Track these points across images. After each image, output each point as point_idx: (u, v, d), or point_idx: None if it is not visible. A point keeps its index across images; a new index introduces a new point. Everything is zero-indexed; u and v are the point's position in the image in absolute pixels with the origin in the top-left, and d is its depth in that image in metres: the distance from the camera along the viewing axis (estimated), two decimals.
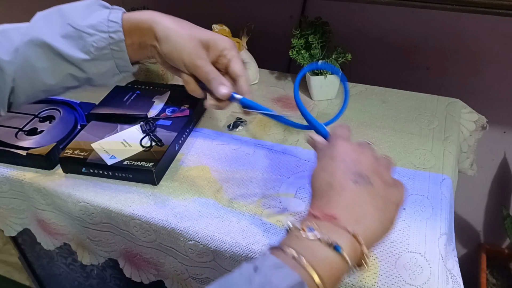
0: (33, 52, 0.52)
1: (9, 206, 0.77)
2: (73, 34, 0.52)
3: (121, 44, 0.53)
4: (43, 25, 0.52)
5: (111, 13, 0.53)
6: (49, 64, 0.52)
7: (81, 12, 0.53)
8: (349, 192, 0.42)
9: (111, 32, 0.52)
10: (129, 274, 0.74)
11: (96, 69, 0.54)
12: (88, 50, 0.52)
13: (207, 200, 0.64)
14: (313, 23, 0.85)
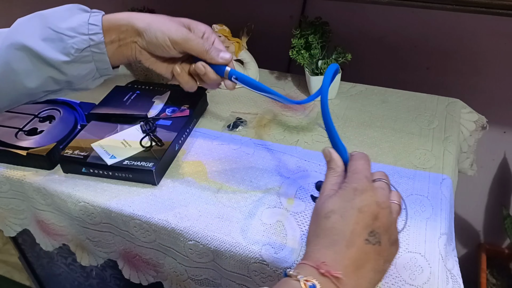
0: (14, 55, 0.52)
1: (8, 207, 0.77)
2: (53, 37, 0.52)
3: (101, 46, 0.53)
4: (24, 29, 0.53)
5: (91, 16, 0.54)
6: (30, 67, 0.53)
7: (61, 15, 0.53)
8: (358, 249, 0.40)
9: (91, 34, 0.53)
10: (128, 276, 0.74)
11: (76, 72, 0.54)
12: (69, 52, 0.52)
13: (207, 200, 0.64)
14: (313, 23, 0.85)
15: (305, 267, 0.40)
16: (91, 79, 0.56)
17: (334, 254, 0.40)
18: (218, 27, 0.86)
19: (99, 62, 0.54)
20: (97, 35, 0.53)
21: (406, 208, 0.62)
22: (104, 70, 0.56)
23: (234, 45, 0.87)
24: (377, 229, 0.41)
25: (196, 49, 0.55)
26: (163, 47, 0.54)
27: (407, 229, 0.58)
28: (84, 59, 0.53)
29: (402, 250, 0.56)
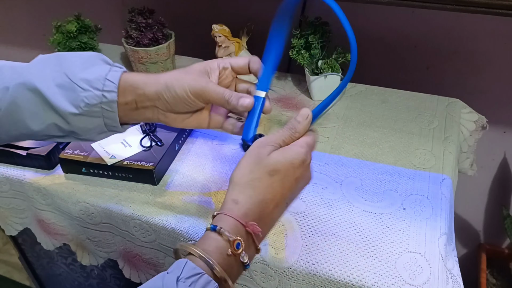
0: (23, 95, 0.50)
1: (9, 206, 0.77)
2: (67, 85, 0.50)
3: (113, 104, 0.51)
4: (40, 70, 0.51)
5: (110, 71, 0.51)
6: (36, 110, 0.51)
7: (80, 63, 0.51)
8: (279, 211, 0.46)
9: (105, 91, 0.50)
10: (128, 275, 0.74)
11: (82, 124, 0.52)
12: (78, 105, 0.50)
13: (207, 200, 0.64)
14: (313, 23, 0.85)
15: (231, 222, 0.43)
16: (97, 132, 0.54)
17: (261, 213, 0.44)
18: (218, 27, 0.86)
19: (108, 119, 0.52)
20: (111, 93, 0.50)
21: (405, 208, 0.62)
22: (112, 126, 0.54)
23: (234, 45, 0.87)
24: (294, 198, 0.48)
25: (216, 100, 0.52)
26: (186, 101, 0.52)
27: (407, 229, 0.58)
28: (93, 114, 0.51)
29: (402, 250, 0.56)
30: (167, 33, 0.90)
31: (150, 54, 0.87)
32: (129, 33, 0.87)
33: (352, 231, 0.59)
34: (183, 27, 1.09)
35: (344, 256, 0.55)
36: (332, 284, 0.54)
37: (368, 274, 0.53)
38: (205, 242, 0.42)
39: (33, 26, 1.37)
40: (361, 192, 0.65)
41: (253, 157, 0.45)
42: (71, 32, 0.88)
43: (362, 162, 0.70)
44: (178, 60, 1.00)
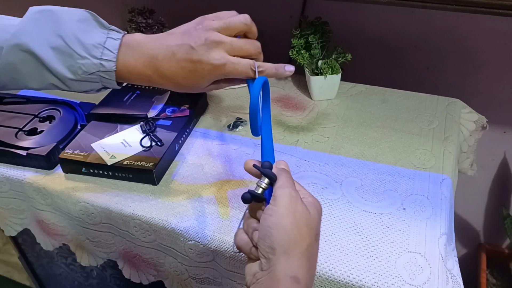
0: (19, 56, 0.49)
1: (9, 206, 0.77)
2: (64, 50, 0.49)
3: (112, 74, 0.50)
4: (33, 30, 0.49)
5: (108, 39, 0.50)
6: (34, 71, 0.50)
7: (76, 25, 0.50)
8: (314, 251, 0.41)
9: (103, 59, 0.49)
10: (128, 275, 0.74)
11: (80, 87, 0.52)
12: (76, 71, 0.49)
13: (207, 200, 0.64)
14: (313, 23, 0.84)
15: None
16: (94, 91, 0.54)
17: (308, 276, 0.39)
18: None
19: (106, 83, 0.52)
20: (109, 62, 0.49)
21: (405, 208, 0.62)
22: (109, 85, 0.53)
23: None
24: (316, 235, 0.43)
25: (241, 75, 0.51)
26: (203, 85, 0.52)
27: (407, 229, 0.58)
28: (90, 79, 0.50)
29: (402, 250, 0.56)
30: None
31: None
32: (129, 33, 0.87)
33: (352, 231, 0.59)
34: None
35: (344, 256, 0.55)
36: (332, 284, 0.54)
37: (368, 274, 0.53)
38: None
39: None
40: (361, 192, 0.65)
41: (300, 220, 0.39)
42: None
43: (362, 162, 0.70)
44: None
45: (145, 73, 0.51)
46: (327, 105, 0.84)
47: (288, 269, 0.37)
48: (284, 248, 0.38)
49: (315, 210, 0.42)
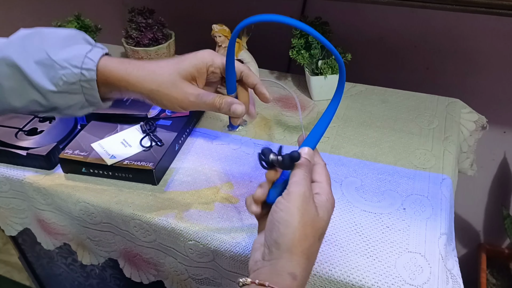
0: (2, 70, 0.49)
1: (9, 206, 0.77)
2: (46, 62, 0.48)
3: (92, 83, 0.49)
4: (20, 46, 0.49)
5: (91, 51, 0.49)
6: (16, 87, 0.50)
7: (62, 41, 0.50)
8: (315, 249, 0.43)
9: (84, 68, 0.48)
10: (129, 274, 0.74)
11: (63, 101, 0.51)
12: (57, 83, 0.49)
13: (207, 200, 0.64)
14: (313, 23, 0.85)
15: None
16: (78, 108, 0.53)
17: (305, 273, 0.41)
18: (218, 27, 0.86)
19: (89, 95, 0.51)
20: (89, 71, 0.48)
21: (405, 208, 0.62)
22: (94, 102, 0.52)
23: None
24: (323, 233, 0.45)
25: (208, 109, 0.51)
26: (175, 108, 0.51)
27: (407, 229, 0.58)
28: (72, 91, 0.50)
29: (402, 250, 0.56)
30: (167, 33, 0.90)
31: (150, 54, 0.87)
32: (129, 33, 0.87)
33: (352, 231, 0.59)
34: (183, 27, 1.09)
35: (344, 256, 0.55)
36: (332, 284, 0.54)
37: (368, 274, 0.53)
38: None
39: (33, 26, 1.37)
40: (361, 192, 0.65)
41: (306, 221, 0.41)
42: None
43: (362, 162, 0.70)
44: None
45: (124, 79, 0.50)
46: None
47: (288, 266, 0.39)
48: (287, 246, 0.40)
49: (325, 212, 0.43)
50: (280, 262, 0.40)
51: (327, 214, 0.43)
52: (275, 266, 0.40)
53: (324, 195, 0.44)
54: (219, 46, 0.87)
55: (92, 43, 0.51)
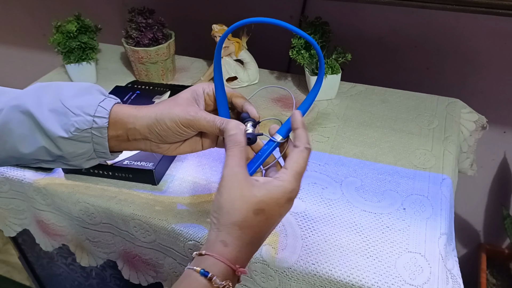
0: (15, 116, 0.51)
1: (9, 207, 0.77)
2: (60, 110, 0.50)
3: (103, 130, 0.51)
4: (35, 95, 0.51)
5: (104, 101, 0.51)
6: (27, 133, 0.51)
7: (76, 92, 0.52)
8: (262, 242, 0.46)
9: (96, 116, 0.50)
10: (127, 276, 0.74)
11: (72, 149, 0.52)
12: (68, 129, 0.50)
13: (207, 200, 0.64)
14: (313, 23, 0.85)
15: (223, 267, 0.42)
16: (86, 158, 0.54)
17: (249, 253, 0.44)
18: (218, 27, 0.86)
19: (98, 144, 0.52)
20: (101, 119, 0.51)
21: (405, 208, 0.62)
22: (101, 153, 0.54)
23: (234, 45, 0.87)
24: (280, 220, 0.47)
25: (208, 128, 0.51)
26: (177, 132, 0.51)
27: (407, 229, 0.58)
28: (82, 139, 0.51)
29: (402, 250, 0.56)
30: (167, 33, 0.90)
31: (150, 54, 0.87)
32: (129, 33, 0.87)
33: (352, 231, 0.59)
34: (183, 27, 1.09)
35: (344, 256, 0.55)
36: (332, 284, 0.54)
37: (368, 274, 0.53)
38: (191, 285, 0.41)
39: (33, 26, 1.38)
40: (361, 192, 0.65)
41: (234, 196, 0.43)
42: (71, 32, 0.88)
43: (362, 162, 0.70)
44: (178, 60, 1.00)
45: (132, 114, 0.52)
46: (327, 105, 0.84)
47: (219, 235, 0.43)
48: (218, 218, 0.44)
49: (262, 191, 0.44)
50: (214, 232, 0.44)
51: (266, 195, 0.44)
52: (211, 236, 0.44)
53: (279, 181, 0.45)
54: None
55: (105, 94, 0.53)
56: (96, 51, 0.93)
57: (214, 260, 0.42)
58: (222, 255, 0.42)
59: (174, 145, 0.54)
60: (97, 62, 0.97)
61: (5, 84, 0.58)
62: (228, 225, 0.43)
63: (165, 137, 0.52)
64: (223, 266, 0.42)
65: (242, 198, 0.43)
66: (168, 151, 0.54)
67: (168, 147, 0.54)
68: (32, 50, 1.44)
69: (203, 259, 0.42)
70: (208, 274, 0.41)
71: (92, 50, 0.92)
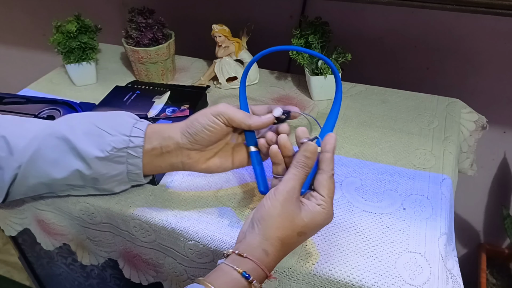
0: (49, 142, 0.52)
1: (9, 206, 0.77)
2: (95, 132, 0.52)
3: (139, 149, 0.53)
4: (67, 123, 0.54)
5: (138, 122, 0.54)
6: (61, 156, 0.52)
7: (109, 117, 0.54)
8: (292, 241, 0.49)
9: (132, 136, 0.53)
10: (128, 275, 0.74)
11: (105, 170, 0.53)
12: (104, 149, 0.52)
13: (207, 200, 0.64)
14: (313, 23, 0.85)
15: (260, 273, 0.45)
16: (117, 181, 0.56)
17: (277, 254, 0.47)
18: (218, 27, 0.86)
19: (132, 165, 0.54)
20: (138, 138, 0.53)
21: (405, 208, 0.62)
22: (134, 175, 0.56)
23: (234, 45, 0.87)
24: None
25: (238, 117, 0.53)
26: (208, 125, 0.53)
27: (407, 229, 0.58)
28: (117, 159, 0.53)
29: (402, 250, 0.56)
30: (167, 33, 0.90)
31: (150, 54, 0.87)
32: (129, 33, 0.87)
33: (352, 231, 0.59)
34: (183, 27, 1.09)
35: (344, 256, 0.55)
36: (332, 284, 0.54)
37: (368, 274, 0.53)
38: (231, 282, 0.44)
39: (33, 26, 1.38)
40: (361, 192, 0.65)
41: (286, 215, 0.47)
42: (71, 32, 0.88)
43: (362, 162, 0.70)
44: (178, 60, 1.00)
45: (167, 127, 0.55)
46: (327, 105, 0.84)
47: (263, 244, 0.46)
48: (265, 229, 0.46)
49: (309, 217, 0.47)
50: (258, 239, 0.46)
51: (311, 220, 0.48)
52: (253, 241, 0.46)
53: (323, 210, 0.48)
54: (219, 46, 0.87)
55: (137, 118, 0.56)
56: (96, 51, 0.93)
57: (254, 266, 0.45)
58: (262, 263, 0.45)
59: (205, 155, 0.56)
60: (97, 62, 0.97)
61: (5, 84, 0.58)
62: (274, 238, 0.46)
63: (195, 135, 0.53)
64: (261, 272, 0.45)
65: (292, 219, 0.47)
66: (198, 163, 0.56)
67: (199, 158, 0.56)
68: (32, 50, 1.44)
69: (243, 261, 0.45)
70: (250, 277, 0.44)
71: (92, 50, 0.92)
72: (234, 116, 0.53)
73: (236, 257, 0.45)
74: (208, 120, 0.53)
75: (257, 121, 0.53)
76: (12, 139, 0.53)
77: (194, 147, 0.54)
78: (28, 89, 0.93)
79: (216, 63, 0.89)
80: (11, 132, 0.53)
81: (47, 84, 0.96)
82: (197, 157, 0.55)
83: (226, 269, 0.44)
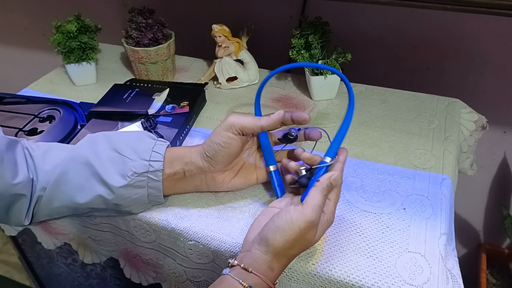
0: (74, 167, 0.54)
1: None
2: (117, 159, 0.54)
3: (159, 173, 0.55)
4: (89, 147, 0.55)
5: (156, 144, 0.56)
6: (84, 182, 0.54)
7: (129, 138, 0.56)
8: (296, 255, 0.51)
9: (151, 160, 0.54)
10: (129, 275, 0.74)
11: (127, 194, 0.55)
12: (126, 174, 0.54)
13: (207, 200, 0.64)
14: (313, 23, 0.84)
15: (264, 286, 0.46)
16: (139, 204, 0.57)
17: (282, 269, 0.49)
18: (218, 27, 0.86)
19: (152, 188, 0.56)
20: (157, 162, 0.54)
21: (405, 208, 0.62)
22: (154, 197, 0.57)
23: (234, 45, 0.87)
24: None
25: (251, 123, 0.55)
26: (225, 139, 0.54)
27: (407, 229, 0.58)
28: (138, 184, 0.55)
29: (402, 250, 0.56)
30: (167, 33, 0.90)
31: (150, 54, 0.87)
32: (129, 33, 0.87)
33: (352, 231, 0.59)
34: (183, 27, 1.09)
35: (344, 256, 0.55)
36: (332, 284, 0.54)
37: (368, 274, 0.53)
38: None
39: (33, 26, 1.38)
40: (361, 192, 0.65)
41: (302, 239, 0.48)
42: (71, 32, 0.88)
43: (362, 162, 0.70)
44: (178, 60, 1.00)
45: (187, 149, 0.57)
46: (327, 105, 0.84)
47: (270, 262, 0.47)
48: (276, 249, 0.47)
49: (321, 231, 0.50)
50: (265, 257, 0.47)
51: (320, 233, 0.50)
52: (260, 257, 0.47)
53: (327, 215, 0.51)
54: (219, 46, 0.87)
55: (155, 138, 0.58)
56: (96, 51, 0.93)
57: (260, 281, 0.46)
58: (268, 278, 0.46)
59: (229, 175, 0.59)
60: (97, 62, 0.97)
61: (5, 84, 0.59)
62: (282, 255, 0.47)
63: (214, 157, 0.55)
64: (266, 286, 0.47)
65: (307, 239, 0.48)
66: (223, 184, 0.59)
67: (223, 178, 0.59)
68: (32, 50, 1.45)
69: (249, 275, 0.46)
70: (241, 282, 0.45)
71: (92, 50, 0.92)
72: (245, 122, 0.54)
73: (241, 270, 0.46)
74: (221, 137, 0.54)
75: (267, 120, 0.55)
76: (37, 162, 0.55)
77: (217, 168, 0.57)
78: (28, 89, 0.94)
79: (216, 63, 0.89)
80: (37, 155, 0.56)
81: (47, 84, 0.96)
82: (221, 178, 0.59)
83: (231, 281, 0.45)
